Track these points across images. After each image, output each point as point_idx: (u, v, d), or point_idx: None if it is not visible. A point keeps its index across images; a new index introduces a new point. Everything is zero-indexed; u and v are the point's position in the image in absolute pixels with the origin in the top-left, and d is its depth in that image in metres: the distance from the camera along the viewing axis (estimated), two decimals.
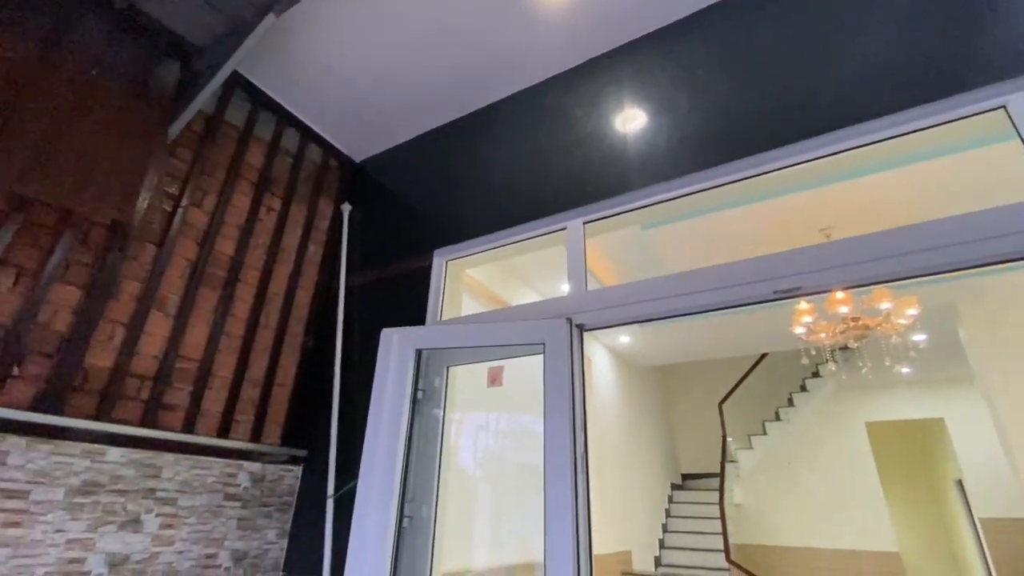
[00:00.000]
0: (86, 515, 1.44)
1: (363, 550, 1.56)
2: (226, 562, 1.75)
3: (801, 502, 7.21)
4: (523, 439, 3.87)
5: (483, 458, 3.47)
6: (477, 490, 3.41)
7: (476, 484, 3.40)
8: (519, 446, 3.84)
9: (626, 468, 5.76)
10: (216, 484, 1.77)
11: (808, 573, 6.85)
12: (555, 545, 1.39)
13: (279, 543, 1.92)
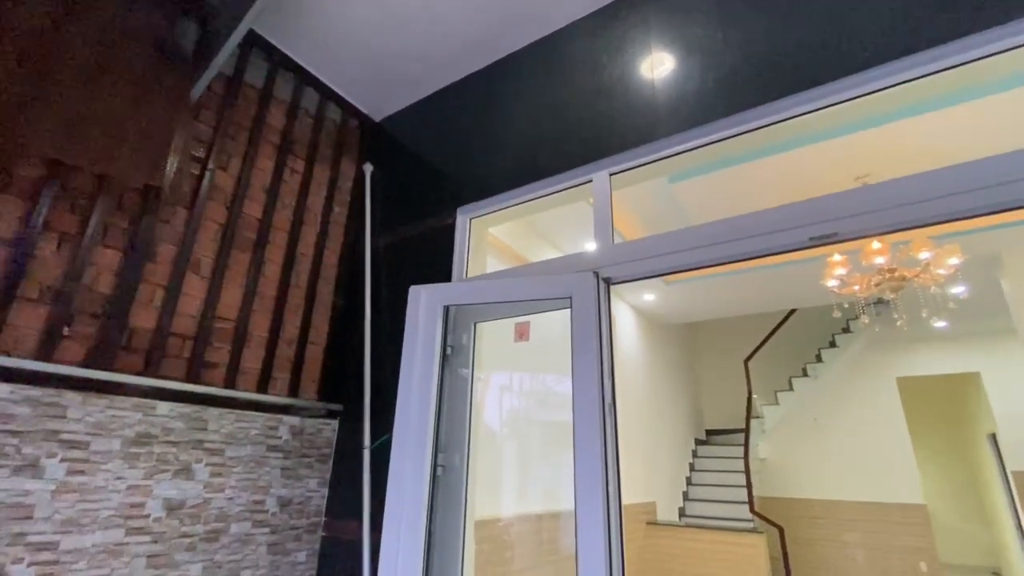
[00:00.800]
0: (142, 464, 1.54)
1: (400, 497, 1.63)
2: (272, 507, 1.85)
3: (827, 457, 7.22)
4: (548, 398, 3.95)
5: (509, 417, 3.56)
6: (504, 447, 3.51)
7: (503, 441, 3.50)
8: (544, 405, 3.92)
9: (650, 423, 5.84)
10: (259, 437, 1.86)
11: (833, 524, 6.93)
12: (584, 493, 1.42)
13: (320, 491, 2.03)
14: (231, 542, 1.71)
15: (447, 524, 1.70)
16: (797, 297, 5.67)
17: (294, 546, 1.89)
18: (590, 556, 1.34)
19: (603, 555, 1.34)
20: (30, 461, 1.33)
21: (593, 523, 1.37)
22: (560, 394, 3.98)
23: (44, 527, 1.33)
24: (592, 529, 1.36)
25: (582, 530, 1.38)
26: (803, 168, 3.05)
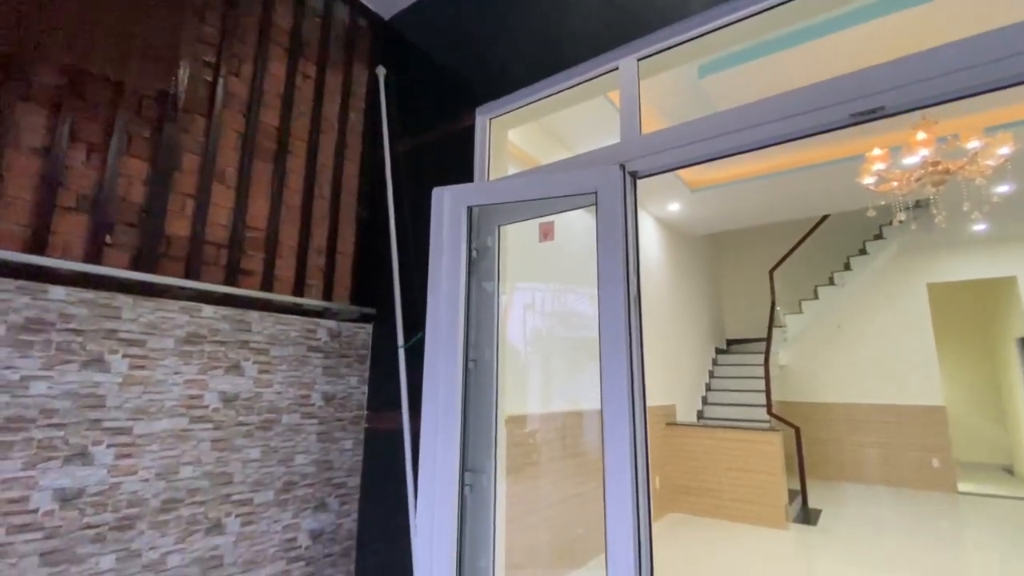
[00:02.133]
0: (195, 361, 1.66)
1: (436, 390, 1.73)
2: (318, 402, 2.00)
3: (848, 363, 7.30)
4: (570, 318, 4.03)
5: (533, 335, 3.67)
6: (528, 361, 3.64)
7: (527, 356, 3.63)
8: (567, 324, 4.00)
9: (672, 332, 5.94)
10: (299, 338, 1.97)
11: (848, 426, 7.15)
12: (611, 385, 1.48)
13: (361, 388, 2.17)
14: (284, 430, 1.87)
15: (480, 413, 1.81)
16: (830, 201, 5.47)
17: (341, 435, 2.06)
18: (616, 445, 1.42)
19: (628, 445, 1.42)
20: (95, 356, 1.45)
21: (619, 414, 1.44)
22: (582, 314, 4.06)
23: (117, 414, 1.47)
24: (618, 420, 1.43)
25: (608, 418, 1.46)
26: (837, 56, 2.81)
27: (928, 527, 4.84)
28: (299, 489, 1.90)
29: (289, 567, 1.84)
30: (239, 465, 1.73)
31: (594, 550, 3.58)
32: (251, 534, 1.74)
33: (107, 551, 1.41)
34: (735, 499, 4.78)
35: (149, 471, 1.52)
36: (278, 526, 1.82)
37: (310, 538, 1.91)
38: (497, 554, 1.74)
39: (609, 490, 1.40)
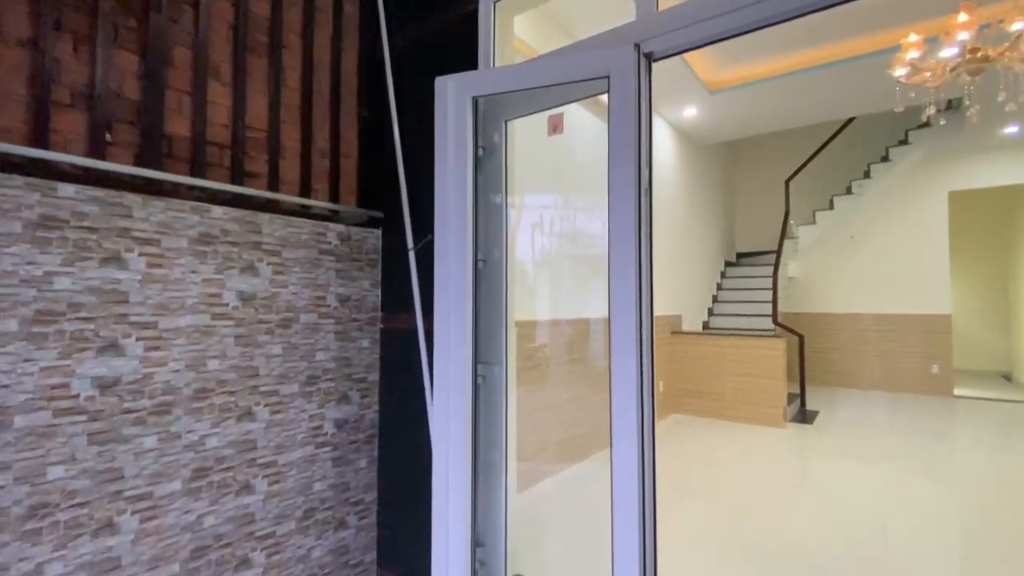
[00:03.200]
0: (211, 260, 1.69)
1: (447, 288, 1.76)
2: (334, 303, 2.06)
3: (857, 274, 7.28)
4: (578, 237, 3.99)
5: (540, 249, 3.66)
6: (537, 272, 3.66)
7: (536, 267, 3.64)
8: (575, 243, 3.97)
9: (682, 242, 5.90)
10: (310, 241, 1.98)
11: (852, 335, 7.27)
12: (619, 278, 1.48)
13: (374, 291, 2.22)
14: (302, 329, 1.94)
15: (490, 309, 1.86)
16: (855, 102, 5.18)
17: (357, 335, 2.14)
18: (622, 348, 1.45)
19: (634, 348, 1.44)
20: (112, 254, 1.48)
21: (626, 305, 1.45)
22: (589, 234, 4.02)
23: (141, 310, 1.53)
24: (625, 309, 1.45)
25: (615, 300, 1.48)
26: None
27: (919, 426, 5.07)
28: (322, 383, 2.01)
29: (317, 451, 1.99)
30: (263, 360, 1.82)
31: (595, 446, 3.82)
32: (280, 421, 1.87)
33: (149, 433, 1.53)
34: (736, 401, 5.00)
35: (179, 363, 1.60)
36: (304, 415, 1.94)
37: (335, 426, 2.05)
38: (509, 441, 1.86)
39: (615, 395, 1.46)
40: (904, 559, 2.38)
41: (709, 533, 2.68)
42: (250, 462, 1.78)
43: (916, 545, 2.54)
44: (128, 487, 1.49)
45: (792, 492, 3.33)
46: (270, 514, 1.83)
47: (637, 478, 1.40)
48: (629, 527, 1.40)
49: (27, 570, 1.30)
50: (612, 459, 1.45)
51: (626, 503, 1.41)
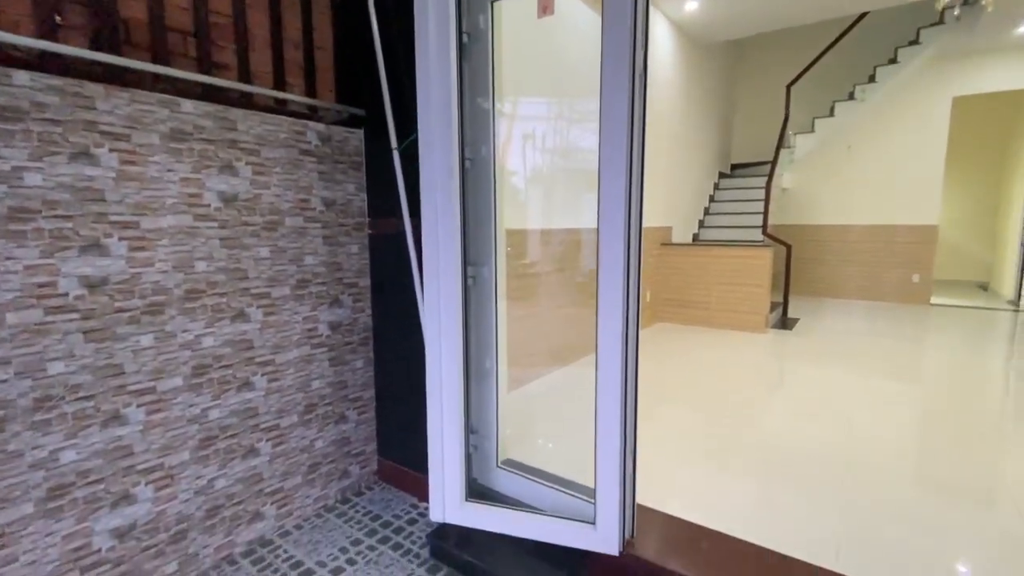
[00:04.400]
0: (187, 159, 1.62)
1: (433, 187, 1.72)
2: (319, 206, 2.02)
3: (850, 184, 7.23)
4: (570, 153, 3.85)
5: (531, 165, 3.54)
6: (527, 190, 3.57)
7: (526, 185, 3.54)
8: (567, 158, 3.83)
9: (675, 151, 5.76)
10: (289, 140, 1.90)
11: (840, 246, 7.36)
12: (608, 196, 1.44)
13: (359, 195, 2.17)
14: (289, 232, 1.92)
15: (478, 209, 1.83)
16: None
17: (346, 239, 2.12)
18: (610, 257, 1.44)
19: (622, 257, 1.43)
20: (81, 149, 1.41)
21: (615, 197, 1.43)
22: (583, 149, 3.87)
23: (119, 209, 1.49)
24: (614, 225, 1.43)
25: (604, 199, 1.46)
26: None
27: (891, 331, 5.30)
28: (313, 287, 2.02)
29: (313, 352, 2.05)
30: (251, 262, 1.82)
31: (581, 351, 3.96)
32: (274, 323, 1.90)
33: (144, 332, 1.55)
34: (721, 309, 5.15)
35: (166, 263, 1.59)
36: (298, 317, 1.98)
37: (329, 329, 2.10)
38: (500, 335, 1.91)
39: (602, 301, 1.47)
40: (865, 447, 2.59)
41: (685, 430, 2.87)
42: (248, 361, 1.83)
43: (877, 435, 2.75)
44: (130, 382, 1.54)
45: (766, 391, 3.53)
46: (272, 408, 1.92)
47: (620, 383, 1.47)
48: (611, 425, 1.49)
49: (42, 456, 1.37)
50: (597, 363, 1.50)
51: (609, 404, 1.48)
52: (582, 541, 1.59)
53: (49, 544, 1.40)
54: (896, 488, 2.16)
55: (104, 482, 1.50)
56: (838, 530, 1.83)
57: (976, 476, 2.30)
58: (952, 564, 1.70)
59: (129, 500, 1.56)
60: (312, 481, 2.09)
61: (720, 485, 2.21)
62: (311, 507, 2.10)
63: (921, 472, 2.32)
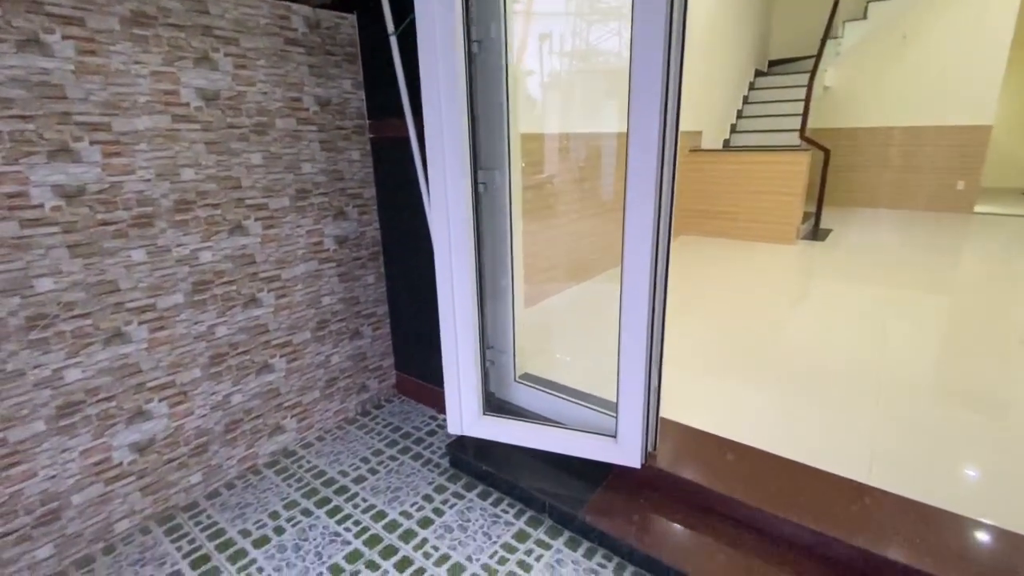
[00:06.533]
0: (154, 49, 1.42)
1: (435, 79, 1.50)
2: (312, 106, 1.81)
3: (900, 81, 6.55)
4: (590, 56, 3.43)
5: (549, 71, 3.17)
6: (546, 96, 3.23)
7: (543, 84, 3.20)
8: (587, 60, 3.43)
9: (706, 46, 5.20)
10: (271, 27, 1.66)
11: (882, 151, 6.85)
12: (641, 90, 1.21)
13: (357, 93, 1.95)
14: (281, 136, 1.74)
15: (489, 103, 1.62)
16: None
17: (345, 145, 1.94)
18: (641, 164, 1.24)
19: (655, 166, 1.24)
20: (29, 36, 1.22)
21: (649, 111, 1.22)
22: (604, 51, 3.45)
23: (85, 108, 1.32)
24: (647, 120, 1.22)
25: (636, 95, 1.24)
26: None
27: (930, 241, 5.01)
28: (314, 198, 1.88)
29: (321, 267, 1.94)
30: (243, 170, 1.66)
31: (607, 264, 3.82)
32: (275, 236, 1.78)
33: (134, 246, 1.45)
34: (750, 220, 4.89)
35: (147, 171, 1.45)
36: (301, 231, 1.85)
37: (336, 243, 1.98)
38: (516, 248, 1.78)
39: (630, 207, 1.29)
40: (894, 361, 2.48)
41: (708, 343, 2.78)
42: (252, 276, 1.74)
43: (907, 348, 2.63)
44: (128, 299, 1.46)
45: (792, 304, 3.40)
46: (282, 325, 1.86)
47: (648, 294, 1.33)
48: (637, 336, 1.37)
49: (45, 375, 1.33)
50: (623, 272, 1.36)
51: (636, 315, 1.36)
52: (602, 454, 1.55)
53: (67, 460, 1.40)
54: (928, 402, 2.07)
55: (115, 399, 1.48)
56: (867, 444, 1.77)
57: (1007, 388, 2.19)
58: (983, 478, 1.64)
59: (144, 416, 1.54)
60: (331, 395, 2.09)
61: (745, 398, 2.14)
62: (332, 420, 2.11)
63: (952, 386, 2.22)
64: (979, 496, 1.52)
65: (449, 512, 1.62)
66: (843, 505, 1.35)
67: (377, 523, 1.59)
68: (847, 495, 1.39)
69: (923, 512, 1.32)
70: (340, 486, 1.77)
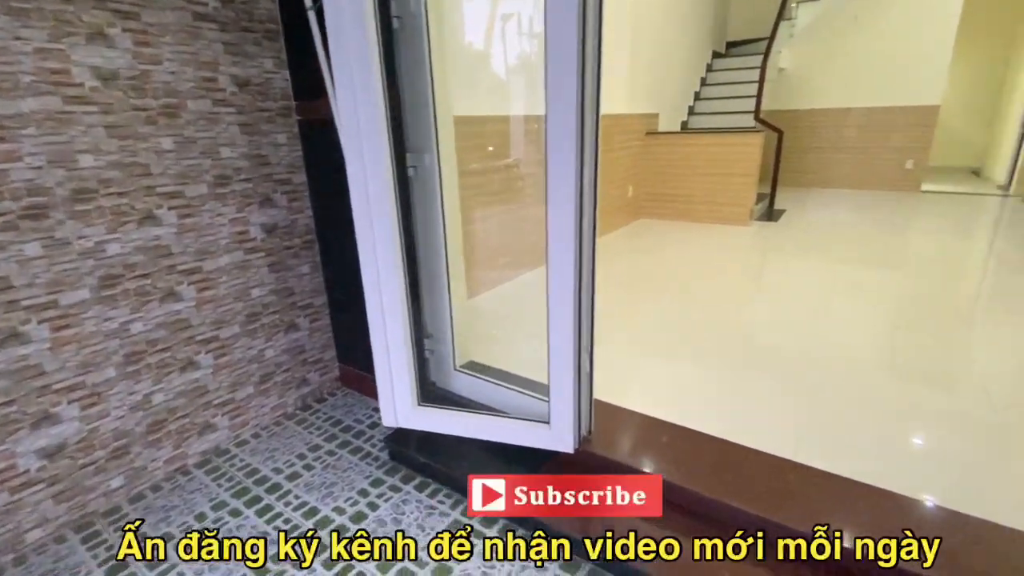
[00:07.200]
0: (36, 22, 1.30)
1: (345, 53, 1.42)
2: (229, 87, 1.71)
3: (852, 63, 6.70)
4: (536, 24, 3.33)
5: (491, 44, 3.06)
6: (480, 64, 3.14)
7: (477, 56, 3.10)
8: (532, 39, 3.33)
9: (662, 27, 5.18)
10: (177, 1, 1.55)
11: (834, 132, 7.00)
12: (556, 64, 1.16)
13: (281, 72, 1.85)
14: (195, 119, 1.64)
15: (413, 81, 1.56)
16: None
17: (269, 128, 1.84)
18: (560, 150, 1.20)
19: (574, 151, 1.20)
20: None
21: (566, 97, 1.17)
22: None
23: None
24: (563, 108, 1.17)
25: (553, 109, 1.20)
26: None
27: (879, 219, 5.17)
28: (236, 184, 1.78)
29: (248, 257, 1.86)
30: (153, 156, 1.56)
31: None
32: (194, 226, 1.69)
33: (27, 239, 1.34)
34: (705, 202, 4.94)
35: (37, 158, 1.34)
36: (223, 219, 1.76)
37: (263, 232, 1.89)
38: (450, 234, 1.73)
39: (551, 197, 1.26)
40: (838, 338, 2.54)
41: (656, 325, 2.80)
42: (168, 269, 1.65)
43: (851, 325, 2.70)
44: (23, 297, 1.36)
45: (741, 285, 3.45)
46: (207, 319, 1.78)
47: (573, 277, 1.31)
48: (564, 322, 1.35)
49: None
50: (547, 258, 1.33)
51: (561, 301, 1.34)
52: (536, 441, 1.54)
53: None
54: (865, 377, 2.13)
55: (16, 403, 1.38)
56: (802, 420, 1.81)
57: (944, 363, 2.27)
58: (906, 446, 1.69)
59: (52, 420, 1.45)
60: (266, 391, 2.01)
61: (688, 379, 2.17)
62: (269, 416, 2.04)
63: (891, 361, 2.29)
64: (909, 471, 1.56)
65: (384, 506, 1.59)
66: (766, 482, 1.37)
67: (308, 520, 1.54)
68: (771, 472, 1.41)
69: (846, 487, 1.35)
70: (273, 484, 1.71)
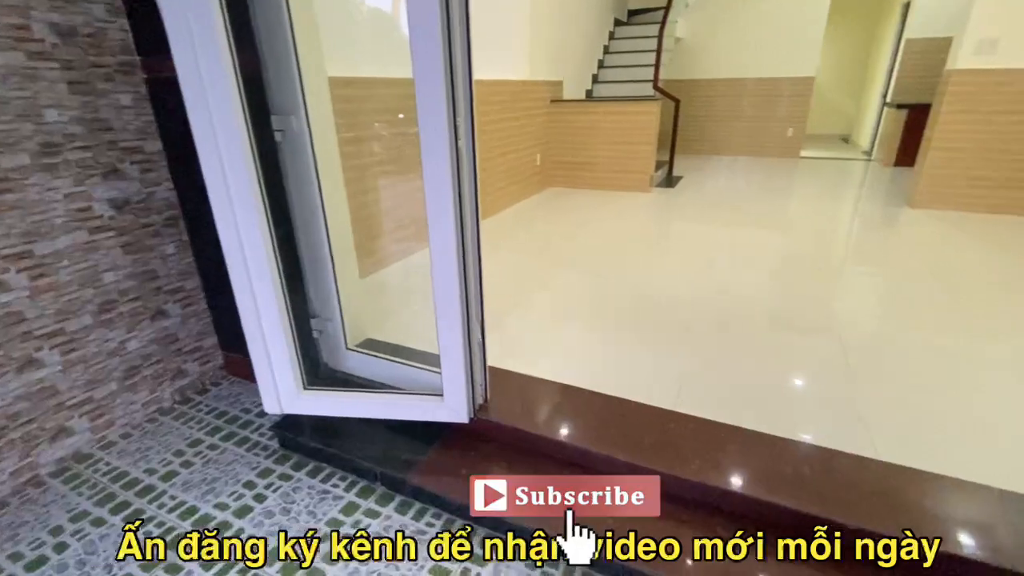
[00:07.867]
0: None
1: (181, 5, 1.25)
2: (50, 37, 1.45)
3: (741, 36, 7.11)
4: None
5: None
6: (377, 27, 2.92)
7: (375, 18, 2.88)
8: None
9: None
10: None
11: (728, 101, 7.42)
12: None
13: (117, 22, 1.59)
14: (4, 75, 1.38)
15: (272, 29, 1.40)
16: None
17: (108, 87, 1.60)
18: (431, 114, 1.13)
19: (445, 115, 1.14)
20: None
21: (432, 67, 1.09)
22: None
23: None
24: (431, 78, 1.10)
25: (420, 77, 1.12)
26: None
27: (764, 183, 5.60)
28: (69, 153, 1.54)
29: (94, 237, 1.63)
30: None
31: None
32: (16, 203, 1.44)
33: None
34: (608, 170, 5.07)
35: None
36: (56, 195, 1.52)
37: (112, 208, 1.66)
38: (330, 205, 1.61)
39: (427, 168, 1.19)
40: (723, 294, 2.73)
41: (556, 291, 2.85)
42: None
43: (736, 282, 2.91)
44: None
45: (638, 248, 3.61)
46: (47, 311, 1.54)
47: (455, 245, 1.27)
48: (450, 292, 1.31)
49: None
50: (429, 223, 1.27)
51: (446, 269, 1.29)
52: (430, 414, 1.51)
53: None
54: (745, 327, 2.31)
55: None
56: (684, 370, 1.93)
57: (809, 311, 2.52)
58: (773, 386, 1.87)
59: None
60: (134, 386, 1.81)
61: (586, 341, 2.23)
62: (140, 413, 1.85)
63: (765, 310, 2.50)
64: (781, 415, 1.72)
65: (272, 496, 1.50)
66: (650, 433, 1.45)
67: (185, 521, 1.42)
68: (654, 423, 1.50)
69: (722, 432, 1.46)
70: (145, 486, 1.56)
